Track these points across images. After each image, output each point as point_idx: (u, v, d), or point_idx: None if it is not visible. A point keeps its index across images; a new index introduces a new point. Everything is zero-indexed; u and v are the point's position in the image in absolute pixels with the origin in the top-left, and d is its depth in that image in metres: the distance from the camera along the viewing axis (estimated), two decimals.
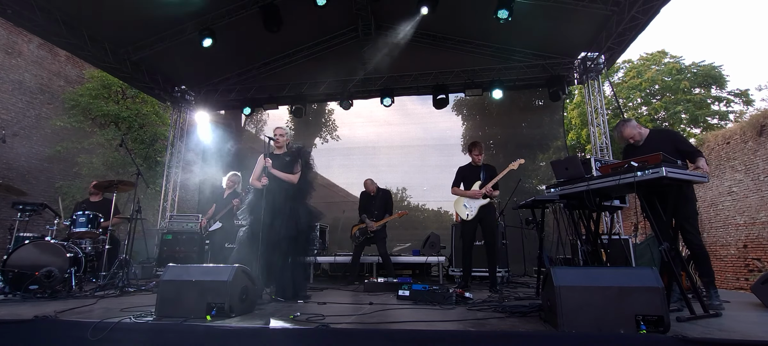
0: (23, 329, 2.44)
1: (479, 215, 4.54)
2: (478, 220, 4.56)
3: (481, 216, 4.55)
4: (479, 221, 4.57)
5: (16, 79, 9.09)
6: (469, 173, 4.76)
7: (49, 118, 9.59)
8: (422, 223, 8.95)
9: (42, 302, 3.37)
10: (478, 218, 4.56)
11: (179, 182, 8.62)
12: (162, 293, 2.69)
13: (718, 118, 13.66)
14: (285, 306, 3.21)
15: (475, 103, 9.63)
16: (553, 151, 9.11)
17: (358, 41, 8.04)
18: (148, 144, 10.54)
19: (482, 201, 4.53)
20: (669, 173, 2.57)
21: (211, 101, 8.71)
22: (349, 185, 8.66)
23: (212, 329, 2.33)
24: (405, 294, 3.63)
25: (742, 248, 8.57)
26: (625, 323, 2.12)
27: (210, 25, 6.61)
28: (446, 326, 2.46)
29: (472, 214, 4.55)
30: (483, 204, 4.53)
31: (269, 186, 3.66)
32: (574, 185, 3.16)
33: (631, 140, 3.53)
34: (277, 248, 3.57)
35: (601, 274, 2.36)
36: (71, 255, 3.93)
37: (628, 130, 3.54)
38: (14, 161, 8.84)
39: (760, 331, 2.38)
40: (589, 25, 6.51)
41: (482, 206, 4.53)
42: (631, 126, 3.55)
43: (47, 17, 5.84)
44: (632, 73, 15.29)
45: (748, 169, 8.48)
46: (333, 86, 8.33)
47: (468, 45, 7.72)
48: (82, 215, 4.54)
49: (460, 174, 4.82)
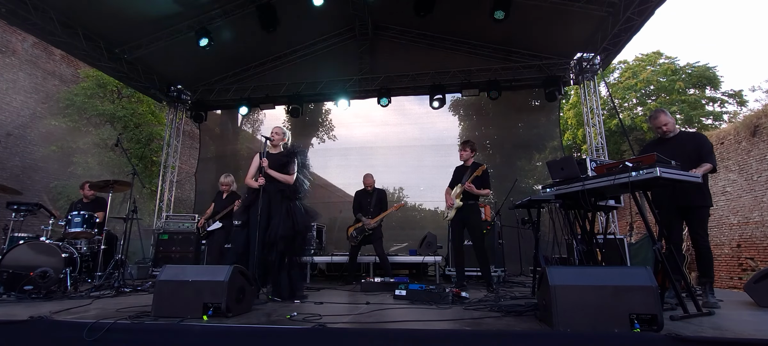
0: (18, 330, 2.43)
1: (460, 216, 4.65)
2: (462, 220, 4.66)
3: (463, 217, 4.65)
4: (463, 221, 4.67)
5: (10, 78, 9.03)
6: (458, 174, 4.88)
7: (44, 117, 9.53)
8: (419, 223, 8.96)
9: (37, 303, 3.34)
10: (462, 219, 4.66)
11: (175, 182, 8.58)
12: (158, 293, 2.68)
13: (712, 119, 13.78)
14: (282, 306, 3.21)
15: (472, 103, 9.65)
16: (549, 151, 9.14)
17: (356, 41, 8.05)
18: (143, 144, 10.50)
19: (457, 202, 4.63)
20: (663, 174, 2.60)
21: (207, 101, 8.68)
22: (346, 185, 8.65)
23: (209, 329, 2.33)
24: (402, 294, 3.64)
25: (735, 248, 8.65)
26: (619, 322, 2.14)
27: (206, 24, 6.60)
28: (442, 326, 2.47)
29: (450, 215, 4.71)
30: (459, 206, 4.63)
31: (265, 186, 3.66)
32: (570, 185, 3.18)
33: (664, 128, 3.57)
34: (273, 247, 3.57)
35: (596, 273, 2.38)
36: (66, 255, 3.91)
37: (663, 116, 3.58)
38: (8, 161, 8.78)
39: (752, 329, 2.41)
40: (585, 26, 6.55)
41: (459, 209, 4.65)
42: (667, 114, 3.60)
43: (42, 16, 5.80)
44: (628, 74, 15.38)
45: (741, 170, 8.56)
46: (330, 86, 8.33)
47: (465, 45, 7.75)
48: (77, 215, 4.51)
49: (454, 175, 4.95)
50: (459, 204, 4.62)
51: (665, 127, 3.56)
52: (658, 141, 3.65)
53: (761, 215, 8.01)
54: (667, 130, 3.56)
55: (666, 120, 3.57)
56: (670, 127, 3.56)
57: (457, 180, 4.82)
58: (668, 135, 3.56)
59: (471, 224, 4.65)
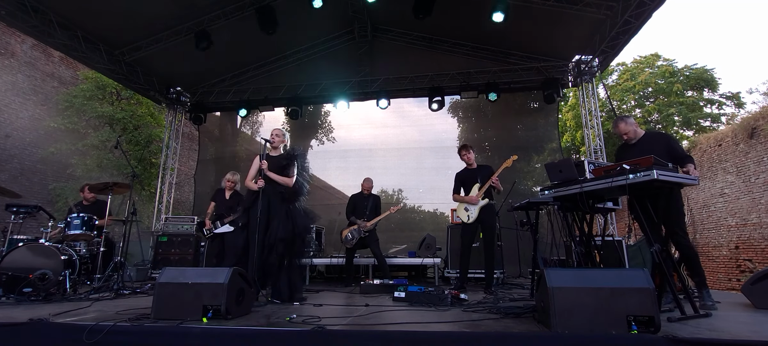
0: (17, 332, 2.43)
1: (480, 216, 4.65)
2: (479, 221, 4.67)
3: (482, 217, 4.66)
4: (480, 222, 4.68)
5: (9, 79, 9.03)
6: (466, 177, 4.85)
7: (43, 119, 9.52)
8: (418, 225, 8.97)
9: (36, 305, 3.34)
10: (479, 220, 4.67)
11: (174, 184, 8.58)
12: (158, 295, 2.69)
13: (710, 121, 13.82)
14: (281, 308, 3.22)
15: (471, 105, 9.67)
16: (548, 153, 9.16)
17: (355, 43, 8.06)
18: (142, 146, 10.49)
19: (482, 202, 4.64)
20: (660, 176, 2.61)
21: (206, 103, 8.69)
22: (345, 187, 8.65)
23: (208, 331, 2.34)
24: (401, 296, 3.65)
25: (733, 249, 8.67)
26: (616, 324, 2.15)
27: (206, 26, 6.61)
28: (441, 328, 2.48)
29: (473, 216, 4.66)
30: (483, 205, 4.64)
31: (265, 188, 3.67)
32: (568, 188, 3.19)
33: (625, 137, 3.60)
34: (273, 250, 3.58)
35: (594, 275, 2.39)
36: (66, 257, 3.91)
37: (623, 126, 3.60)
38: (7, 163, 8.77)
39: (749, 331, 2.42)
40: (583, 29, 6.58)
41: (483, 207, 4.65)
42: (628, 123, 3.61)
43: (41, 18, 5.81)
44: (626, 76, 15.43)
45: (739, 171, 8.59)
46: (329, 88, 8.34)
47: (463, 47, 7.77)
48: (77, 217, 4.51)
49: (459, 180, 4.92)
50: (484, 202, 4.63)
51: (625, 137, 3.59)
52: (624, 146, 3.65)
53: (759, 217, 8.04)
54: (628, 139, 3.58)
55: (626, 129, 3.59)
56: (631, 135, 3.58)
57: (466, 183, 4.82)
58: (632, 141, 3.58)
59: (488, 224, 4.69)
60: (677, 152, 3.41)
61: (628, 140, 3.59)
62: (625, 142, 3.64)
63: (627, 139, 3.59)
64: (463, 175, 4.90)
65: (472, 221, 4.66)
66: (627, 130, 3.58)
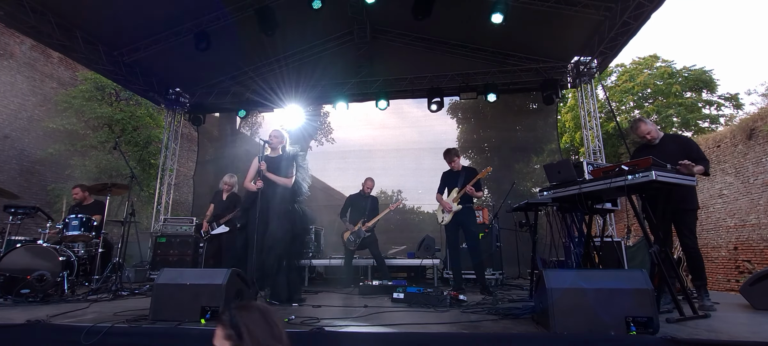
0: (15, 334, 2.42)
1: (455, 220, 4.68)
2: (458, 223, 4.70)
3: (461, 220, 4.68)
4: (460, 224, 4.71)
5: (7, 80, 9.01)
6: (448, 179, 4.91)
7: (42, 120, 9.50)
8: (417, 226, 8.98)
9: (34, 306, 3.34)
10: (458, 222, 4.69)
11: (173, 185, 8.57)
12: (156, 296, 2.68)
13: (708, 122, 13.83)
14: (280, 309, 3.22)
15: (470, 106, 9.70)
16: (547, 154, 9.17)
17: (354, 44, 8.06)
18: (141, 147, 10.47)
19: (456, 208, 4.68)
20: (659, 177, 2.62)
21: (205, 104, 8.68)
22: (344, 188, 8.66)
23: (207, 332, 2.33)
24: (400, 297, 3.64)
25: (732, 250, 8.68)
26: (615, 325, 2.15)
27: (205, 27, 6.60)
28: (440, 329, 2.48)
29: (447, 219, 4.74)
30: (456, 210, 4.67)
31: (263, 189, 3.66)
32: (566, 188, 3.19)
33: (647, 136, 3.60)
34: (271, 250, 3.57)
35: (592, 276, 2.40)
36: (64, 259, 3.90)
37: (644, 126, 3.61)
38: (6, 164, 8.75)
39: (748, 332, 2.42)
40: (582, 30, 6.58)
41: (457, 212, 4.68)
42: (648, 123, 3.63)
43: (40, 19, 5.79)
44: (625, 77, 15.44)
45: (738, 173, 8.60)
46: (328, 89, 8.34)
47: (463, 49, 7.77)
48: (75, 218, 4.50)
49: (443, 180, 4.99)
50: (458, 208, 4.65)
51: (648, 136, 3.60)
52: (644, 147, 3.67)
53: (758, 218, 8.05)
54: (651, 139, 3.59)
55: (647, 129, 3.60)
56: (653, 135, 3.60)
57: (448, 185, 4.85)
58: (654, 142, 3.59)
59: (467, 227, 4.69)
60: (696, 155, 3.39)
61: (650, 141, 3.59)
62: (647, 143, 3.63)
63: (650, 139, 3.59)
64: (445, 176, 4.99)
65: (446, 223, 4.76)
66: (649, 130, 3.59)
